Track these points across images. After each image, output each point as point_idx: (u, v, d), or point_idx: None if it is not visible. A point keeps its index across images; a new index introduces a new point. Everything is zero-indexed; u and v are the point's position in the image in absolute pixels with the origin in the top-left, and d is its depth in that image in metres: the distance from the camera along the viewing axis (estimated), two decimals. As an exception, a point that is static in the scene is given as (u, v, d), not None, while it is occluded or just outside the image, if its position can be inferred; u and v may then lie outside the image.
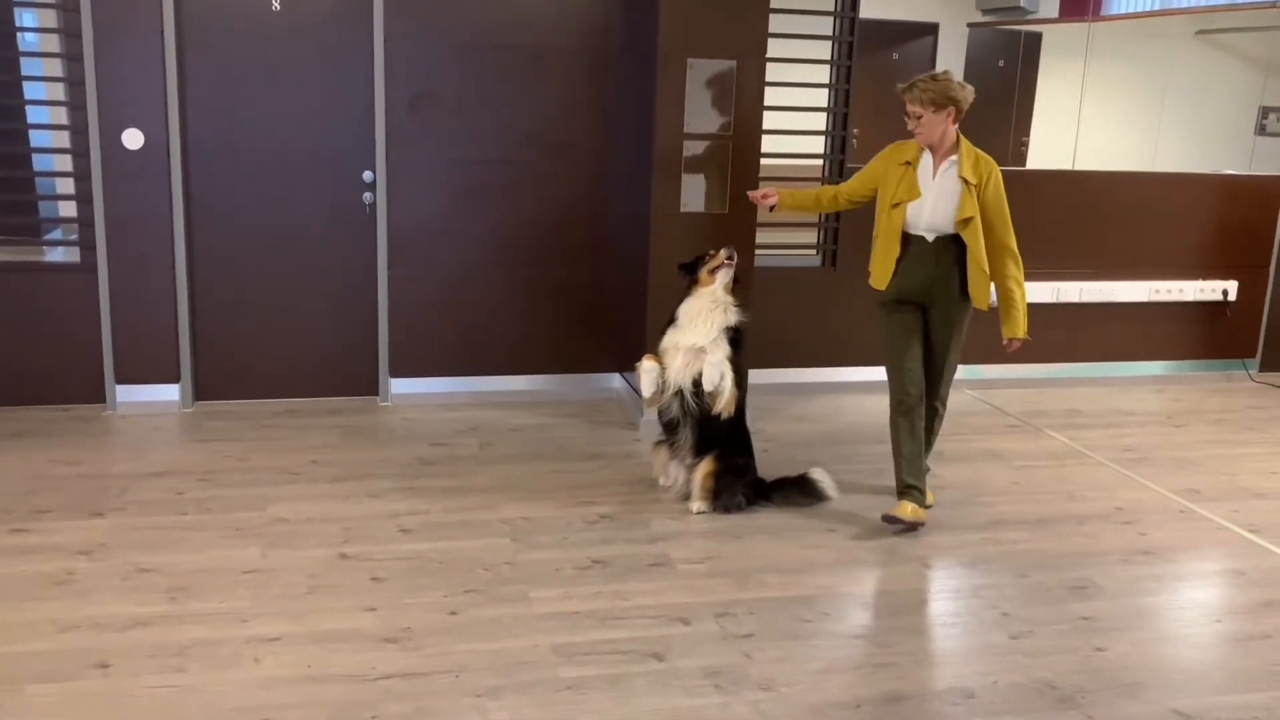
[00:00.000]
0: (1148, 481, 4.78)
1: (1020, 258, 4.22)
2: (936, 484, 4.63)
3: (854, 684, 3.08)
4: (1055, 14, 7.74)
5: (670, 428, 4.29)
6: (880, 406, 5.73)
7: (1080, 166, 6.64)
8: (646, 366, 4.23)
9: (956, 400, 5.85)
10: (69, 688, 2.92)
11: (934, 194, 4.11)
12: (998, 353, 6.14)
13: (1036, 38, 7.80)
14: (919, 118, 4.05)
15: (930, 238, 4.13)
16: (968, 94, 4.06)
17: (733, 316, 4.24)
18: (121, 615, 3.30)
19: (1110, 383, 6.34)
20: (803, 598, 3.59)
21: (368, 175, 5.25)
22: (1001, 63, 7.87)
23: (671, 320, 4.30)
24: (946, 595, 3.66)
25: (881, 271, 4.23)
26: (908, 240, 4.16)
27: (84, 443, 4.77)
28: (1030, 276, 6.17)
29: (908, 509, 4.09)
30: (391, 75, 5.15)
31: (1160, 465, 4.99)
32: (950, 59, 7.45)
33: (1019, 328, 4.27)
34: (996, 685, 3.10)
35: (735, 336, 4.23)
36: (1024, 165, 7.31)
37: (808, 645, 3.29)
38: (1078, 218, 6.20)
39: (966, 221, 4.08)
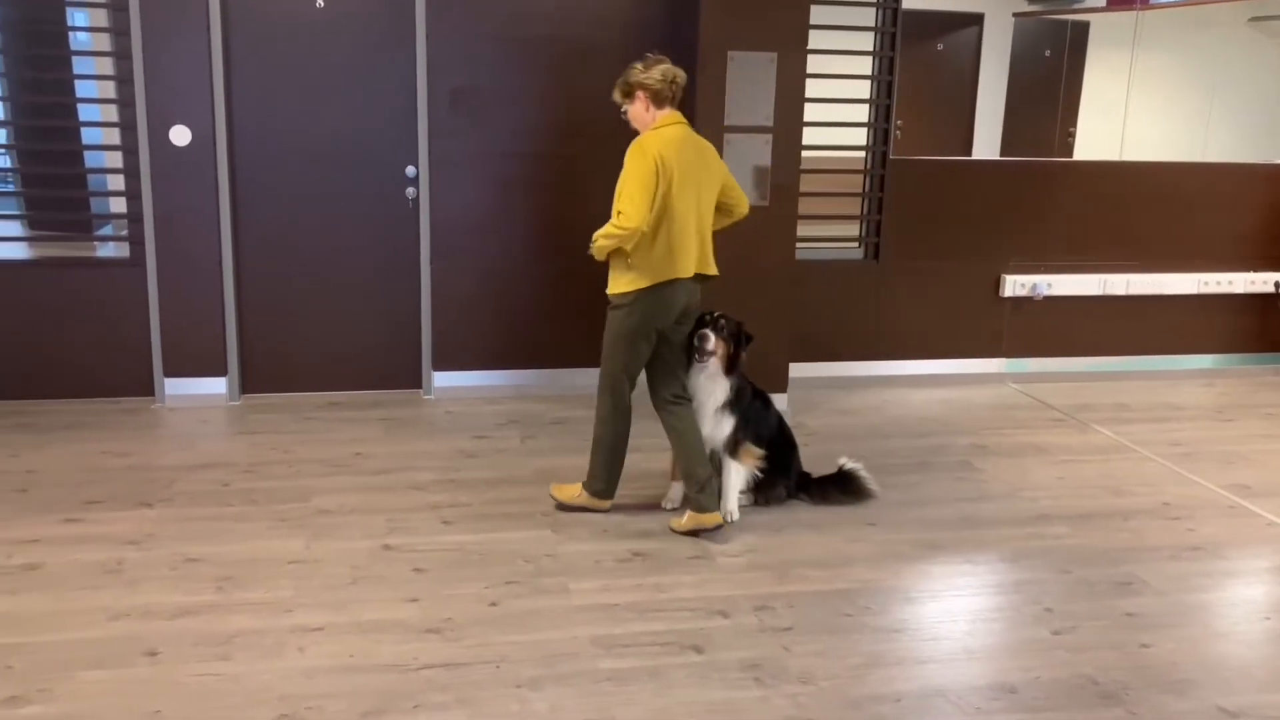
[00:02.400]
0: (1196, 477, 4.70)
1: (620, 216, 3.73)
2: (980, 477, 4.60)
3: (894, 678, 3.07)
4: (1103, 3, 7.62)
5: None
6: (926, 400, 5.72)
7: (1128, 157, 6.55)
8: None
9: (999, 393, 5.82)
10: (119, 674, 2.98)
11: None
12: (1042, 346, 6.07)
13: (1084, 27, 7.68)
14: (624, 112, 3.96)
15: None
16: (653, 74, 3.85)
17: (721, 393, 4.03)
18: (169, 604, 3.36)
19: (1158, 376, 6.25)
20: (843, 591, 3.57)
21: (410, 170, 5.29)
22: (1048, 53, 7.76)
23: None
24: (988, 590, 3.63)
25: None
26: None
27: (133, 435, 4.86)
28: (1076, 269, 6.15)
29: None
30: (434, 70, 5.18)
31: (1209, 460, 4.91)
32: (995, 49, 7.37)
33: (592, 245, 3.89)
34: (1038, 680, 3.07)
35: (736, 399, 4.07)
36: (1071, 156, 7.21)
37: (848, 639, 3.28)
38: (1125, 209, 6.12)
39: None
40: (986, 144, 6.54)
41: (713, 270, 4.01)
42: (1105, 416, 5.50)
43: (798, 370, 5.76)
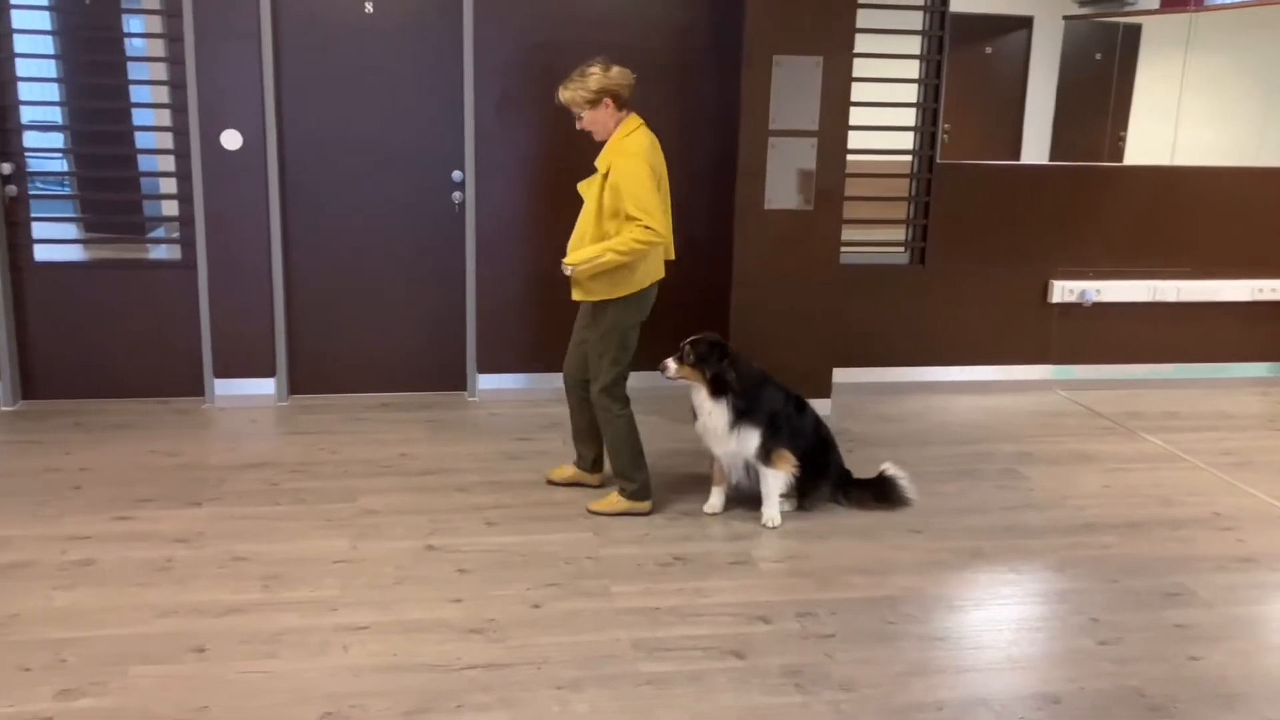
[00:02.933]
0: (1248, 487, 4.63)
1: (641, 225, 3.78)
2: (1025, 485, 4.56)
3: (937, 686, 3.05)
4: (1156, 5, 7.52)
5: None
6: (970, 406, 5.67)
7: (1180, 162, 6.46)
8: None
9: (1046, 400, 5.76)
10: (168, 670, 3.03)
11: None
12: (1090, 352, 6.01)
13: (1135, 30, 7.59)
14: (580, 119, 3.96)
15: None
16: (617, 76, 3.90)
17: (721, 415, 4.04)
18: (217, 602, 3.41)
19: (1210, 384, 6.16)
20: (886, 599, 3.56)
21: (457, 175, 5.33)
22: (1099, 56, 7.67)
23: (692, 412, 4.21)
24: (1033, 599, 3.59)
25: None
26: None
27: (184, 434, 4.93)
28: (1126, 275, 6.08)
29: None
30: (480, 75, 5.22)
31: (1262, 470, 4.83)
32: (1045, 52, 7.29)
33: (576, 258, 3.95)
34: (1083, 691, 3.04)
35: (748, 411, 4.06)
36: (1121, 161, 7.12)
37: (891, 647, 3.26)
38: (1177, 214, 6.04)
39: (588, 207, 3.96)
40: (1035, 148, 6.47)
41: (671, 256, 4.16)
42: (1155, 424, 5.43)
43: (841, 375, 5.73)
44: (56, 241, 5.21)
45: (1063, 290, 5.95)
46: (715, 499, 4.22)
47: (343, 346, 5.46)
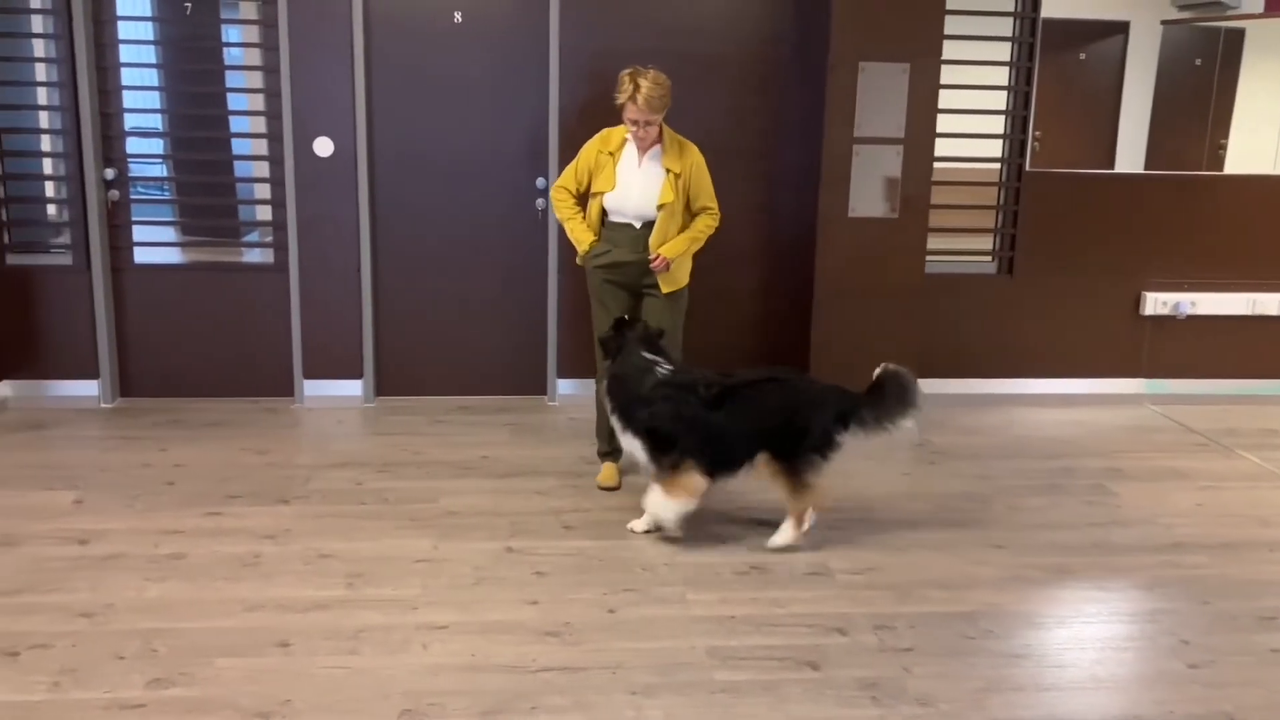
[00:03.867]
0: (1351, 508, 4.46)
1: (714, 212, 4.33)
2: (1114, 501, 4.45)
3: (1015, 704, 2.99)
4: (1260, 8, 7.29)
5: None
6: (1058, 420, 5.55)
7: (1283, 171, 6.25)
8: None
9: (1137, 415, 5.62)
10: (252, 663, 3.11)
11: (640, 183, 4.21)
12: (1184, 366, 5.85)
13: (1238, 34, 7.36)
14: (650, 124, 4.12)
15: (638, 224, 4.25)
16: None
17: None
18: (302, 598, 3.49)
19: (1312, 401, 5.94)
20: (966, 614, 3.50)
21: (541, 181, 5.39)
22: (1199, 62, 7.46)
23: None
24: (1120, 619, 3.50)
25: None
26: (613, 227, 4.29)
27: (273, 434, 5.06)
28: (1225, 287, 5.90)
29: (610, 473, 4.45)
30: (565, 83, 5.27)
31: (1366, 491, 4.65)
32: (1142, 58, 7.12)
33: (672, 250, 4.24)
34: (1172, 715, 2.96)
35: (620, 407, 3.96)
36: (1221, 170, 6.92)
37: (969, 662, 3.21)
38: (1279, 225, 5.84)
39: (662, 207, 4.20)
40: (1130, 157, 6.32)
41: None
42: (1252, 442, 5.25)
43: (925, 386, 5.63)
44: (155, 245, 5.38)
45: (1156, 302, 5.80)
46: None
47: (427, 349, 5.55)
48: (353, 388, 5.48)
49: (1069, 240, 5.73)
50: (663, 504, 3.87)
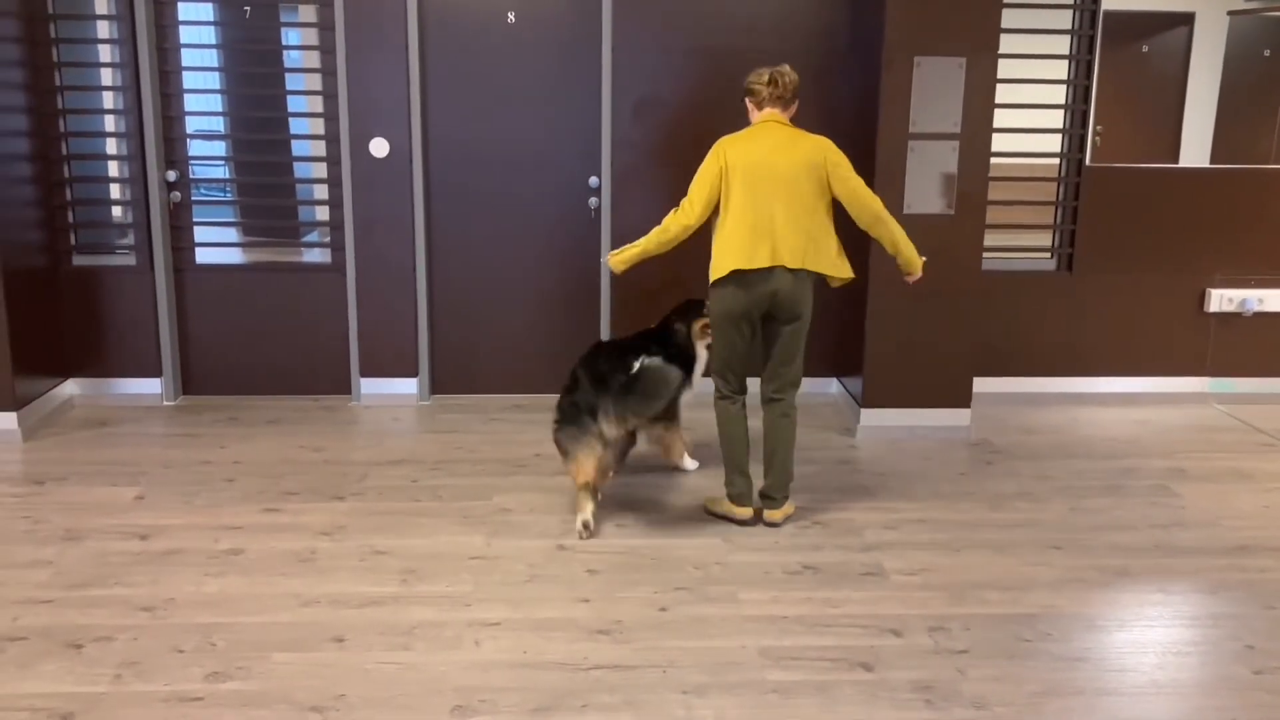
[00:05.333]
0: None
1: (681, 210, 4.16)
2: (1176, 502, 4.36)
3: (1073, 709, 2.94)
4: (1331, -3, 7.10)
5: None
6: (1119, 419, 5.45)
7: (1355, 164, 6.08)
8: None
9: (1201, 414, 5.50)
10: (308, 658, 3.15)
11: None
12: (1250, 365, 5.72)
13: (1307, 24, 7.17)
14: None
15: None
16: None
17: None
18: (357, 594, 3.53)
19: (1385, 400, 5.78)
20: (1023, 616, 3.45)
21: (593, 180, 5.40)
22: (1267, 53, 7.29)
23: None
24: (1182, 622, 3.43)
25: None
26: None
27: (330, 431, 5.12)
28: (1288, 283, 5.77)
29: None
30: (618, 82, 5.27)
31: None
32: (1207, 50, 6.96)
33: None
34: (1235, 722, 2.89)
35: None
36: (1289, 163, 6.75)
37: (1026, 665, 3.16)
38: (1349, 219, 5.69)
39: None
40: (1195, 150, 6.18)
41: (822, 269, 3.96)
42: (1322, 442, 5.13)
43: (982, 385, 5.58)
44: (216, 245, 5.47)
45: (1221, 299, 5.67)
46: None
47: (481, 348, 5.59)
48: (408, 386, 5.54)
49: (1131, 236, 5.63)
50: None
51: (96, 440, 4.95)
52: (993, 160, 5.06)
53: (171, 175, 5.29)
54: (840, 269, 3.98)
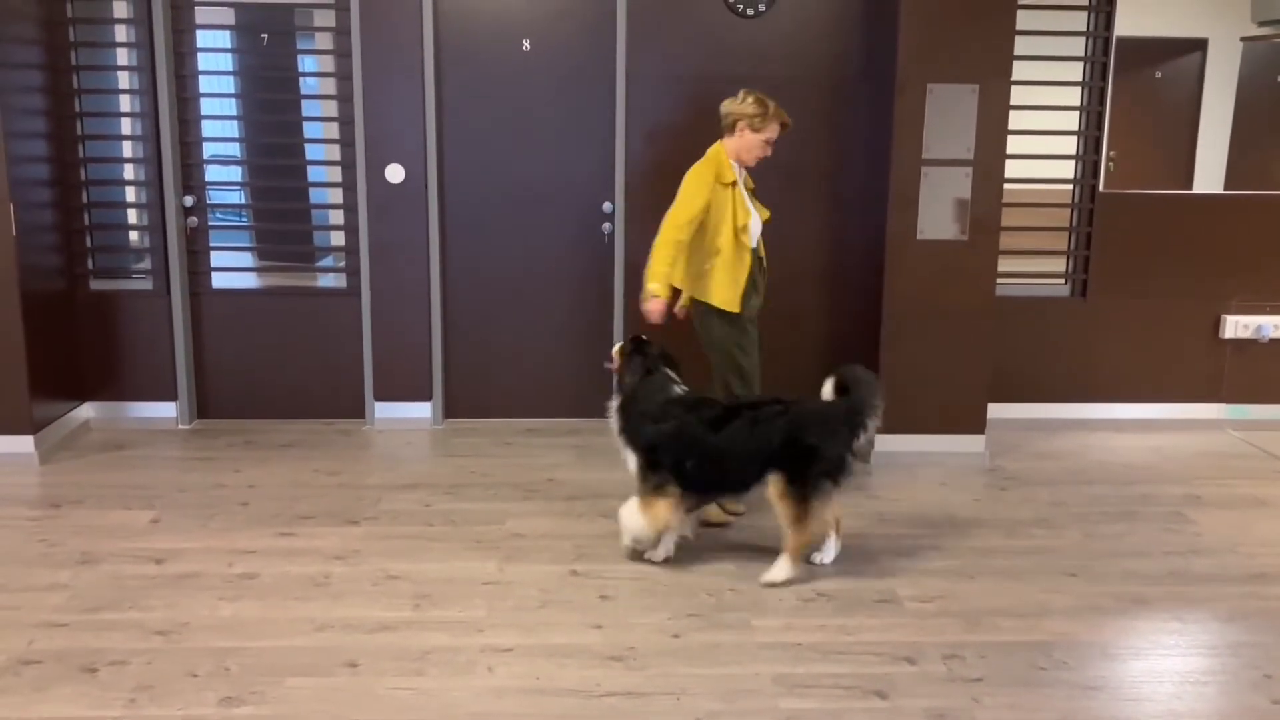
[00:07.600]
0: None
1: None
2: (1192, 529, 4.33)
3: (1091, 738, 2.92)
4: (1344, 23, 7.10)
5: None
6: (1134, 445, 5.42)
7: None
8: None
9: (1217, 440, 5.47)
10: (321, 683, 3.15)
11: (753, 207, 4.34)
12: (1266, 391, 5.69)
13: (1321, 50, 7.18)
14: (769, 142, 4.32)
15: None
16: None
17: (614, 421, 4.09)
18: (370, 618, 3.53)
19: (1403, 427, 5.74)
20: (1038, 643, 3.43)
21: (607, 206, 5.42)
22: (1280, 78, 7.30)
23: None
24: (1199, 650, 3.40)
25: (737, 293, 4.32)
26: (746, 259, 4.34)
27: (344, 455, 5.14)
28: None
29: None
30: (632, 108, 5.30)
31: None
32: (1220, 76, 6.97)
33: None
34: (1254, 752, 2.87)
35: (627, 425, 4.02)
36: (1304, 189, 6.74)
37: (1041, 694, 3.14)
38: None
39: (766, 222, 4.41)
40: (1209, 177, 6.18)
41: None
42: (1339, 469, 5.09)
43: (996, 411, 5.57)
44: (232, 270, 5.51)
45: (1236, 325, 5.65)
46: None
47: (495, 372, 5.60)
48: (422, 410, 5.55)
49: (1145, 262, 5.62)
50: (632, 518, 3.87)
51: (112, 463, 4.98)
52: (1006, 186, 5.06)
53: (189, 200, 5.34)
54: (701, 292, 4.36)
